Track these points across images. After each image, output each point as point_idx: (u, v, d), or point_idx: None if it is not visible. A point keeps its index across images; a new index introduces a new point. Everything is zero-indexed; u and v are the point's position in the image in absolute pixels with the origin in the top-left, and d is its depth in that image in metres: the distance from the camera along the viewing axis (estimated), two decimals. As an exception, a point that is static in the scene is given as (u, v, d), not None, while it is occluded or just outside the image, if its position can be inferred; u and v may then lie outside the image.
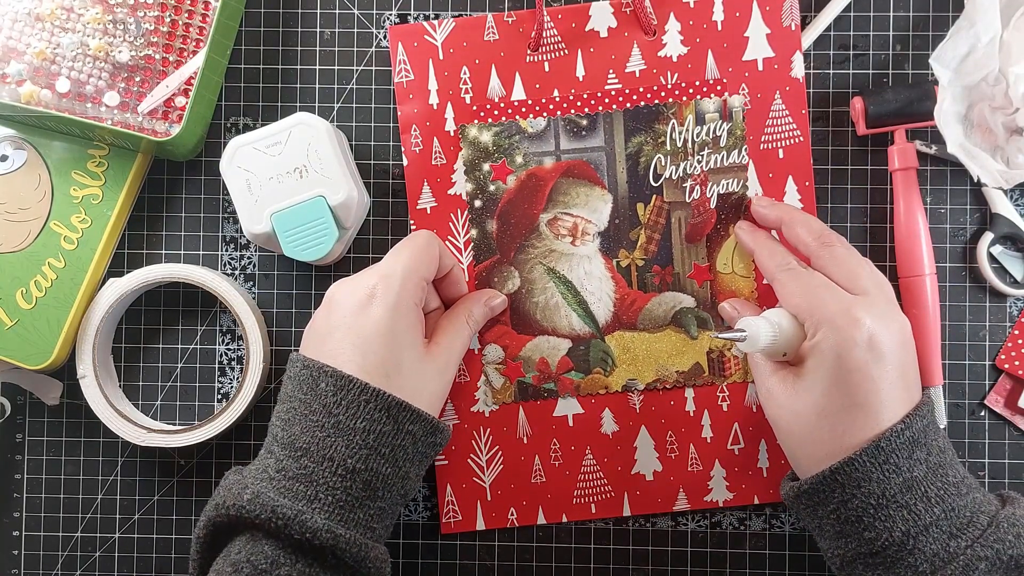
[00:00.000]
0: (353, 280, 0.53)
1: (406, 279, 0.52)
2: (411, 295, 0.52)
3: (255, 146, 0.57)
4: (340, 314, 0.52)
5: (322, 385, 0.50)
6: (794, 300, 0.53)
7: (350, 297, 0.52)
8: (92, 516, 0.63)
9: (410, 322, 0.52)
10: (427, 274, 0.54)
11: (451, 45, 0.61)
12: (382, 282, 0.52)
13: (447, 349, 0.55)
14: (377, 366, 0.50)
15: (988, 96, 0.58)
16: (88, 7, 0.60)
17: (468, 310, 0.58)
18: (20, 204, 0.61)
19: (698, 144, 0.60)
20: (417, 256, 0.54)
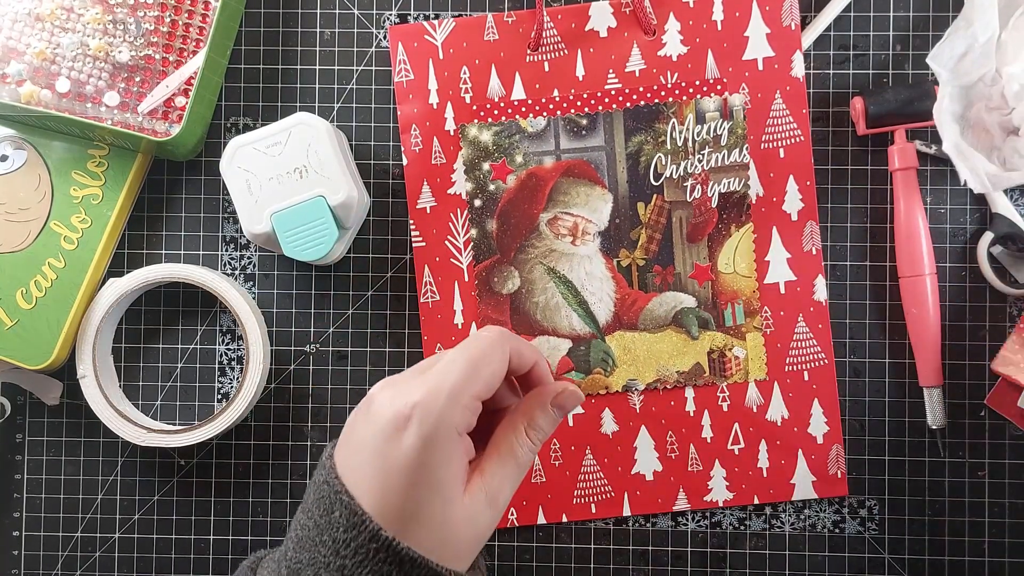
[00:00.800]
0: (395, 387, 0.44)
1: (452, 402, 0.42)
2: (455, 422, 0.42)
3: (255, 146, 0.57)
4: (371, 430, 0.43)
5: (336, 514, 0.42)
6: None
7: (387, 410, 0.43)
8: (92, 516, 0.63)
9: (447, 455, 0.42)
10: (483, 390, 0.44)
11: (451, 45, 0.61)
12: (423, 404, 0.42)
13: (490, 482, 0.44)
14: (397, 508, 0.42)
15: (985, 96, 0.58)
16: (88, 7, 0.60)
17: (528, 419, 0.46)
18: (20, 204, 0.61)
19: (699, 143, 0.60)
20: (473, 369, 0.43)
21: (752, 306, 0.60)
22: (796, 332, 0.61)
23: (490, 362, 0.44)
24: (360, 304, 0.62)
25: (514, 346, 0.45)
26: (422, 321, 0.61)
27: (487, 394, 0.44)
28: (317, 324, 0.62)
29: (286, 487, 0.62)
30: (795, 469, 0.60)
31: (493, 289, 0.61)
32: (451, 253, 0.61)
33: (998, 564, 0.61)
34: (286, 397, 0.62)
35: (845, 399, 0.61)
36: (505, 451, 0.45)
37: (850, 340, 0.61)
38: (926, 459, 0.61)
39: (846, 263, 0.62)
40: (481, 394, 0.43)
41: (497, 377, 0.44)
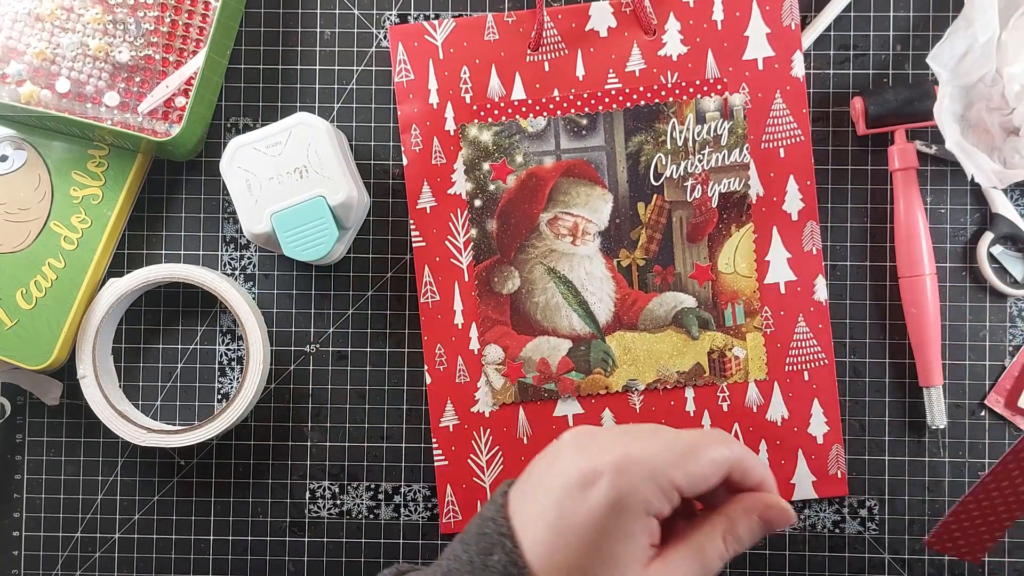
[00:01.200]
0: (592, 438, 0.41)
1: (650, 478, 0.39)
2: (647, 499, 0.39)
3: (255, 146, 0.57)
4: (556, 477, 0.40)
5: (495, 558, 0.39)
6: None
7: (579, 461, 0.40)
8: (92, 516, 0.63)
9: (630, 530, 0.39)
10: (686, 484, 0.40)
11: (451, 45, 0.61)
12: (620, 467, 0.39)
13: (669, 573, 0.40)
14: (563, 569, 0.38)
15: (985, 96, 0.58)
16: (88, 7, 0.60)
17: (728, 524, 0.42)
18: (20, 204, 0.61)
19: (699, 143, 0.60)
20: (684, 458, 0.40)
21: (752, 306, 0.60)
22: (796, 332, 0.61)
23: (707, 465, 0.40)
24: (360, 304, 0.62)
25: (738, 457, 0.41)
26: (422, 321, 0.61)
27: (689, 491, 0.40)
28: (317, 324, 0.62)
29: (286, 487, 0.62)
30: (795, 469, 0.60)
31: (493, 289, 0.61)
32: (451, 253, 0.61)
33: (998, 564, 0.61)
34: (286, 397, 0.62)
35: (845, 399, 0.61)
36: (695, 548, 0.40)
37: (850, 340, 0.61)
38: (926, 459, 0.61)
39: (846, 263, 0.62)
40: (682, 487, 0.39)
41: (705, 479, 0.40)
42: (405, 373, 0.62)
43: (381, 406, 0.62)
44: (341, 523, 0.62)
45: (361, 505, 0.62)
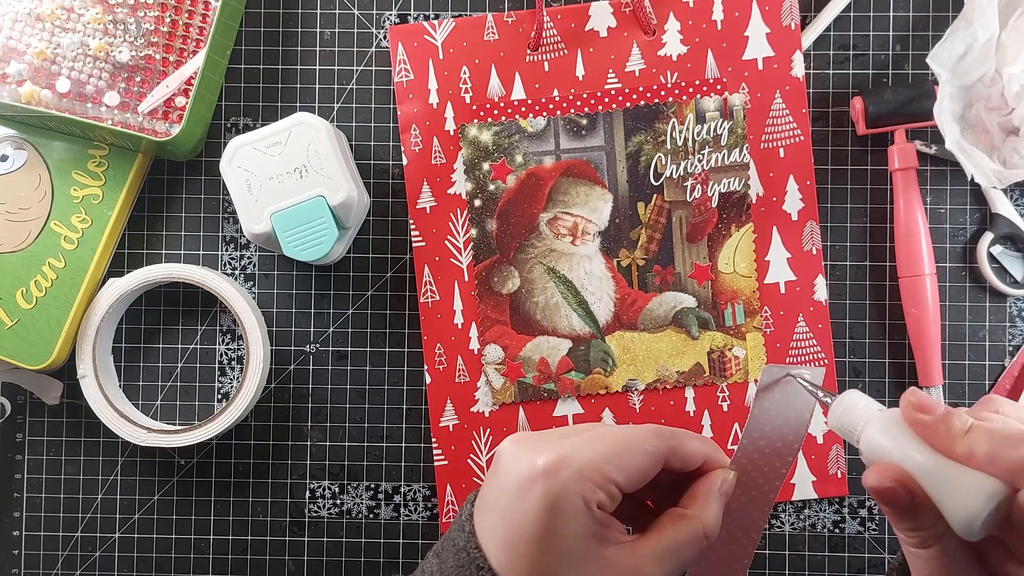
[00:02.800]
0: (524, 444, 0.41)
1: (580, 475, 0.39)
2: (583, 495, 0.39)
3: (255, 146, 0.57)
4: (498, 487, 0.40)
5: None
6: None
7: (512, 468, 0.40)
8: (92, 516, 0.63)
9: (576, 528, 0.39)
10: (622, 480, 0.40)
11: (451, 45, 0.61)
12: (550, 468, 0.39)
13: (640, 564, 0.40)
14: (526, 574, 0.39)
15: (984, 96, 0.58)
16: (88, 7, 0.60)
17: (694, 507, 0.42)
18: (20, 204, 0.61)
19: (699, 143, 0.60)
20: (615, 453, 0.40)
21: (752, 306, 0.60)
22: (796, 332, 0.61)
23: (638, 458, 0.40)
24: (360, 304, 0.62)
25: (671, 447, 0.41)
26: (422, 321, 0.61)
27: (628, 488, 0.40)
28: (317, 324, 0.62)
29: (286, 487, 0.62)
30: (795, 469, 0.60)
31: (493, 289, 0.61)
32: (451, 253, 0.61)
33: (998, 564, 0.61)
34: (286, 397, 0.62)
35: (845, 399, 0.61)
36: (667, 539, 0.40)
37: (850, 340, 0.61)
38: (926, 459, 0.61)
39: (846, 263, 0.62)
40: (620, 485, 0.40)
41: (641, 472, 0.40)
42: (405, 373, 0.62)
43: (381, 406, 0.62)
44: (341, 523, 0.62)
45: (361, 505, 0.62)
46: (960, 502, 0.34)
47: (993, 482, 0.34)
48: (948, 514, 0.35)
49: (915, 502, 0.35)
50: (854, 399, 0.39)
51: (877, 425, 0.37)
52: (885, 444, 0.37)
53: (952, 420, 0.36)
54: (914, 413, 0.37)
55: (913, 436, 0.36)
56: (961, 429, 0.36)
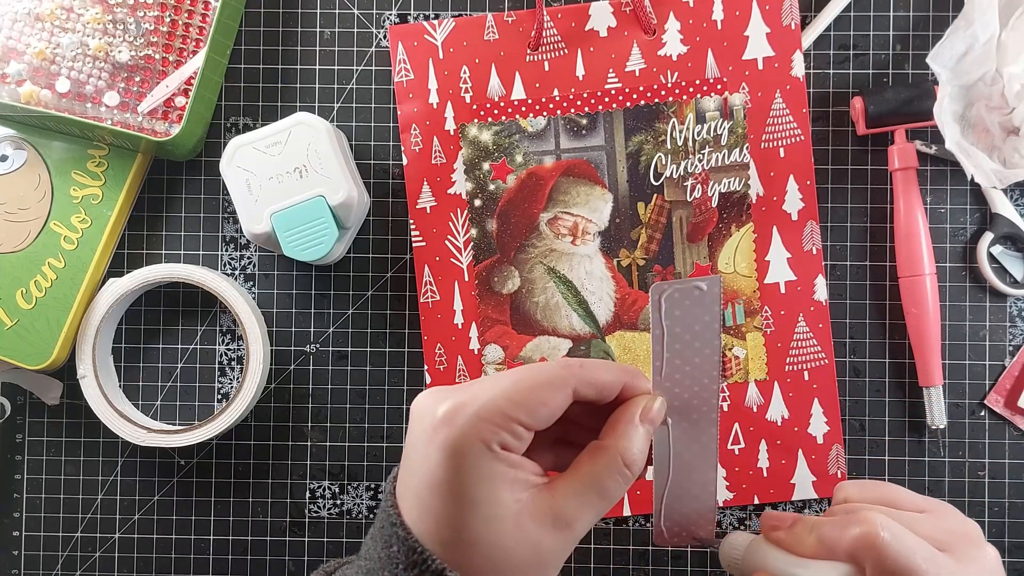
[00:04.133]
0: (432, 394, 0.40)
1: (479, 418, 0.37)
2: (483, 437, 0.37)
3: (255, 146, 0.57)
4: (409, 443, 0.40)
5: (394, 549, 0.39)
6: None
7: (419, 421, 0.39)
8: (92, 516, 0.63)
9: (481, 473, 0.37)
10: (528, 418, 0.38)
11: (451, 45, 0.61)
12: (448, 414, 0.38)
13: (560, 504, 0.39)
14: (433, 529, 0.38)
15: (985, 96, 0.58)
16: (88, 7, 0.60)
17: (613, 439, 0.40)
18: (20, 204, 0.61)
19: (699, 143, 0.60)
20: (516, 391, 0.38)
21: (752, 306, 0.60)
22: (796, 332, 0.61)
23: (541, 391, 0.39)
24: (360, 304, 0.62)
25: (586, 377, 0.40)
26: (422, 321, 0.61)
27: (535, 424, 0.39)
28: (317, 324, 0.62)
29: (286, 487, 0.62)
30: (795, 469, 0.60)
31: (493, 289, 0.61)
32: (451, 253, 0.61)
33: (998, 564, 0.61)
34: (286, 397, 0.62)
35: (845, 399, 0.61)
36: (584, 473, 0.39)
37: (850, 340, 0.61)
38: (926, 459, 0.61)
39: (846, 263, 0.62)
40: (525, 422, 0.38)
41: (550, 408, 0.39)
42: (405, 373, 0.62)
43: (381, 406, 0.62)
44: (341, 523, 0.62)
45: (361, 505, 0.62)
46: None
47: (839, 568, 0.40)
48: None
49: None
50: (736, 537, 0.45)
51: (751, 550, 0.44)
52: (756, 562, 0.43)
53: (797, 526, 0.42)
54: (769, 533, 0.43)
55: (775, 550, 0.42)
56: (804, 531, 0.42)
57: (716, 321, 0.42)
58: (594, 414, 0.41)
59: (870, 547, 0.39)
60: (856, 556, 0.39)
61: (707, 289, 0.41)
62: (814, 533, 0.41)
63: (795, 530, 0.42)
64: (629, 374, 0.41)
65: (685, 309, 0.41)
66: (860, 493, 0.44)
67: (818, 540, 0.41)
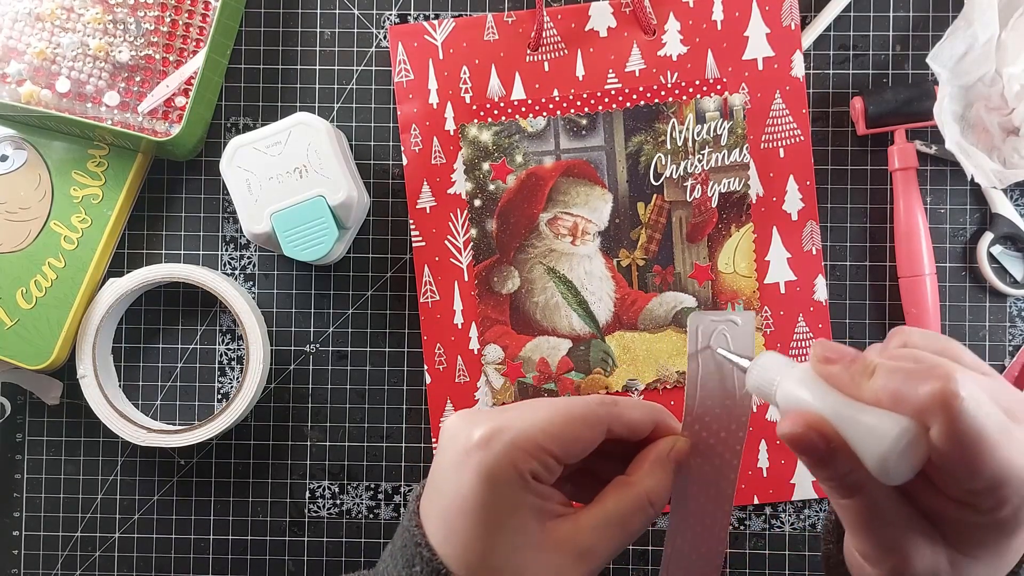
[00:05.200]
0: (466, 417, 0.40)
1: (515, 446, 0.37)
2: (517, 466, 0.37)
3: (255, 146, 0.57)
4: (438, 463, 0.40)
5: (416, 569, 0.39)
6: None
7: (451, 443, 0.39)
8: (92, 516, 0.63)
9: (512, 501, 0.38)
10: (560, 451, 0.38)
11: (451, 45, 0.61)
12: (483, 439, 0.38)
13: (583, 537, 0.39)
14: (460, 552, 0.38)
15: (984, 96, 0.58)
16: (88, 7, 0.60)
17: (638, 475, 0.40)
18: (20, 204, 0.61)
19: (699, 143, 0.60)
20: (551, 424, 0.38)
21: (752, 306, 0.60)
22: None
23: (576, 427, 0.39)
24: (360, 304, 0.62)
25: (617, 414, 0.40)
26: (422, 321, 0.61)
27: (567, 459, 0.39)
28: (317, 324, 0.62)
29: (286, 487, 0.62)
30: (795, 469, 0.60)
31: (493, 289, 0.61)
32: (451, 253, 0.61)
33: (998, 564, 0.61)
34: (286, 397, 0.62)
35: (845, 399, 0.61)
36: (610, 509, 0.39)
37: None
38: (926, 459, 0.61)
39: (846, 263, 0.62)
40: (557, 455, 0.38)
41: (583, 445, 0.39)
42: (405, 373, 0.62)
43: (381, 406, 0.62)
44: (341, 523, 0.62)
45: (361, 505, 0.62)
46: (872, 445, 0.33)
47: (901, 422, 0.33)
48: (863, 458, 0.34)
49: (831, 447, 0.34)
50: (769, 359, 0.38)
51: (790, 379, 0.37)
52: (799, 395, 0.36)
53: (857, 365, 0.36)
54: (822, 365, 0.37)
55: (826, 385, 0.36)
56: (866, 373, 0.35)
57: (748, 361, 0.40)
58: (618, 447, 0.41)
59: (945, 407, 0.33)
60: (925, 413, 0.33)
61: (741, 325, 0.40)
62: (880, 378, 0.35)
63: (854, 368, 0.36)
64: (660, 413, 0.41)
65: (719, 342, 0.40)
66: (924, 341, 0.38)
67: (883, 387, 0.34)
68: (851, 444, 0.34)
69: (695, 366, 0.40)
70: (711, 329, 0.40)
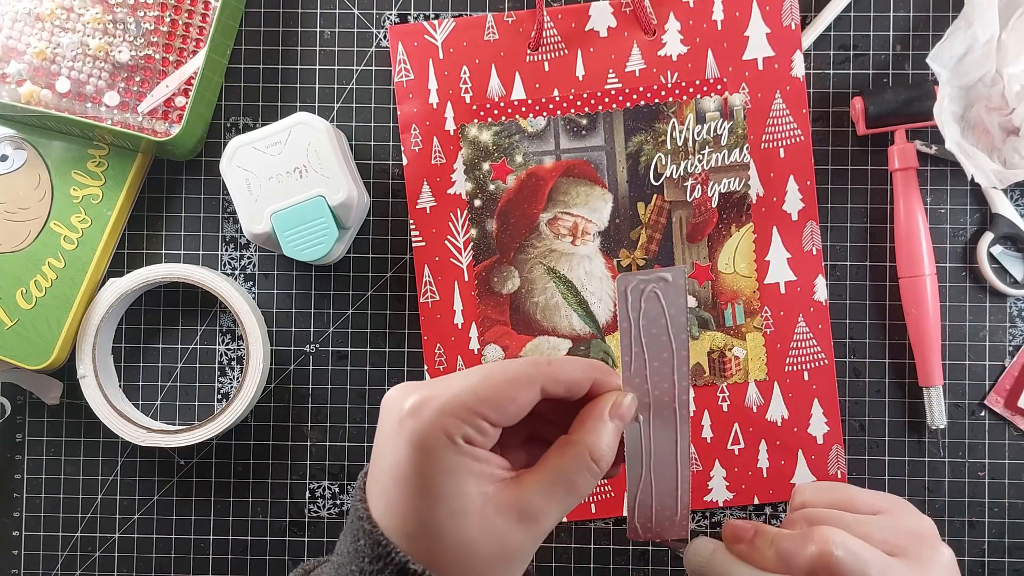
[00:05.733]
0: (401, 388, 0.40)
1: (444, 411, 0.38)
2: (448, 431, 0.37)
3: (255, 146, 0.57)
4: (377, 436, 0.40)
5: (361, 543, 0.39)
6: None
7: (387, 415, 0.39)
8: (92, 516, 0.63)
9: (446, 466, 0.38)
10: (494, 414, 0.38)
11: (451, 45, 0.61)
12: (414, 407, 0.38)
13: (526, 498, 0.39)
14: (399, 522, 0.38)
15: (985, 96, 0.58)
16: (88, 7, 0.60)
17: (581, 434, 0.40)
18: (20, 204, 0.61)
19: (699, 143, 0.60)
20: (484, 387, 0.38)
21: (752, 306, 0.61)
22: (796, 332, 0.61)
23: (507, 387, 0.39)
24: (360, 304, 0.62)
25: (554, 374, 0.40)
26: (422, 321, 0.61)
27: (501, 420, 0.39)
28: (317, 324, 0.62)
29: (286, 487, 0.62)
30: (795, 469, 0.60)
31: (493, 289, 0.61)
32: (451, 253, 0.61)
33: (998, 564, 0.61)
34: (286, 397, 0.62)
35: (845, 399, 0.61)
36: (552, 467, 0.39)
37: (850, 340, 0.61)
38: (926, 459, 0.61)
39: (846, 263, 0.62)
40: (490, 418, 0.38)
41: (517, 405, 0.39)
42: (405, 373, 0.62)
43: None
44: (341, 523, 0.62)
45: (361, 505, 0.62)
46: None
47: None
48: None
49: None
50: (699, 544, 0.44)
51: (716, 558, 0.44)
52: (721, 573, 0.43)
53: (758, 539, 0.43)
54: (732, 546, 0.44)
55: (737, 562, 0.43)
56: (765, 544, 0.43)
57: (682, 314, 0.41)
58: (565, 411, 0.41)
59: (825, 566, 0.40)
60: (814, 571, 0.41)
61: (672, 280, 0.40)
62: (773, 547, 0.42)
63: (756, 543, 0.43)
64: (598, 370, 0.41)
65: (651, 302, 0.41)
66: (816, 496, 0.46)
67: (776, 555, 0.42)
68: None
69: (627, 324, 0.41)
70: (641, 288, 0.41)
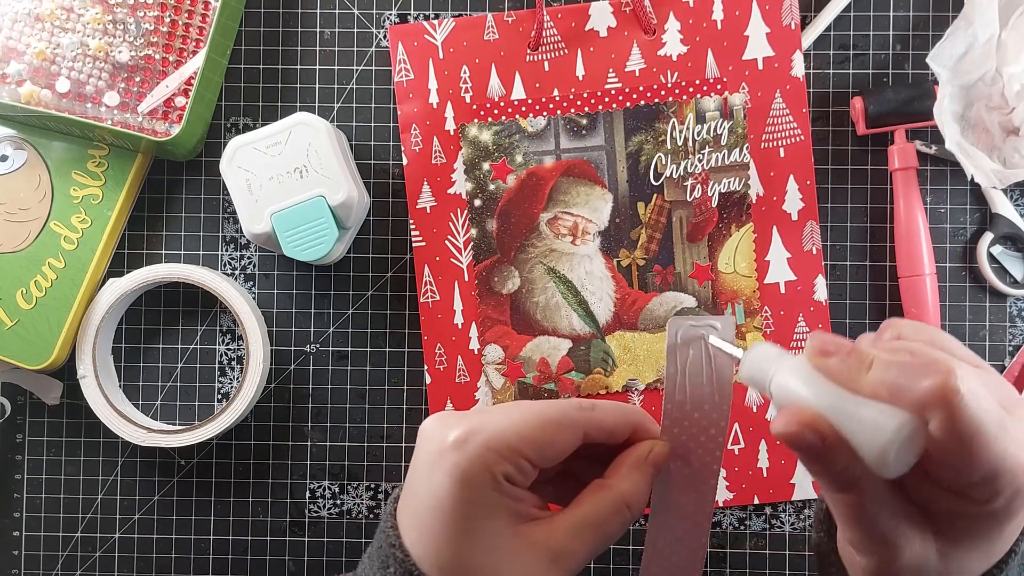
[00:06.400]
0: (441, 418, 0.40)
1: (487, 448, 0.37)
2: (490, 468, 0.37)
3: (255, 146, 0.57)
4: (414, 465, 0.39)
5: (391, 570, 0.39)
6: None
7: (427, 444, 0.39)
8: (92, 516, 0.63)
9: (486, 504, 0.37)
10: (534, 454, 0.38)
11: (451, 45, 0.61)
12: (457, 441, 0.38)
13: (558, 540, 0.38)
14: (432, 553, 0.38)
15: (985, 96, 0.58)
16: (88, 7, 0.60)
17: (615, 479, 0.40)
18: (20, 204, 0.61)
19: (699, 143, 0.60)
20: (526, 427, 0.38)
21: (752, 306, 0.61)
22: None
23: (551, 430, 0.38)
24: (360, 304, 0.62)
25: (594, 419, 0.40)
26: (422, 321, 0.61)
27: (541, 462, 0.38)
28: (317, 324, 0.62)
29: (286, 487, 0.62)
30: (795, 469, 0.60)
31: (493, 289, 0.61)
32: (451, 253, 0.61)
33: (998, 564, 0.61)
34: (286, 397, 0.62)
35: (845, 399, 0.61)
36: (586, 512, 0.39)
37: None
38: (926, 459, 0.61)
39: (846, 263, 0.62)
40: (531, 458, 0.38)
41: (558, 449, 0.39)
42: (405, 373, 0.62)
43: (381, 406, 0.62)
44: (341, 523, 0.62)
45: (361, 505, 0.62)
46: (871, 438, 0.33)
47: (900, 415, 0.33)
48: (861, 452, 0.33)
49: (827, 444, 0.34)
50: (763, 349, 0.37)
51: (785, 371, 0.35)
52: (794, 388, 0.35)
53: (854, 358, 0.35)
54: (818, 358, 0.36)
55: (821, 378, 0.35)
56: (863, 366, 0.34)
57: (729, 368, 0.39)
58: (600, 451, 0.41)
59: (946, 402, 0.32)
60: (925, 407, 0.33)
61: (721, 330, 0.39)
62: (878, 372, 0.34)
63: (850, 362, 0.35)
64: (639, 417, 0.41)
65: (701, 351, 0.40)
66: (915, 333, 0.37)
67: (882, 381, 0.34)
68: (848, 438, 0.34)
69: (674, 370, 0.40)
70: (690, 334, 0.40)
